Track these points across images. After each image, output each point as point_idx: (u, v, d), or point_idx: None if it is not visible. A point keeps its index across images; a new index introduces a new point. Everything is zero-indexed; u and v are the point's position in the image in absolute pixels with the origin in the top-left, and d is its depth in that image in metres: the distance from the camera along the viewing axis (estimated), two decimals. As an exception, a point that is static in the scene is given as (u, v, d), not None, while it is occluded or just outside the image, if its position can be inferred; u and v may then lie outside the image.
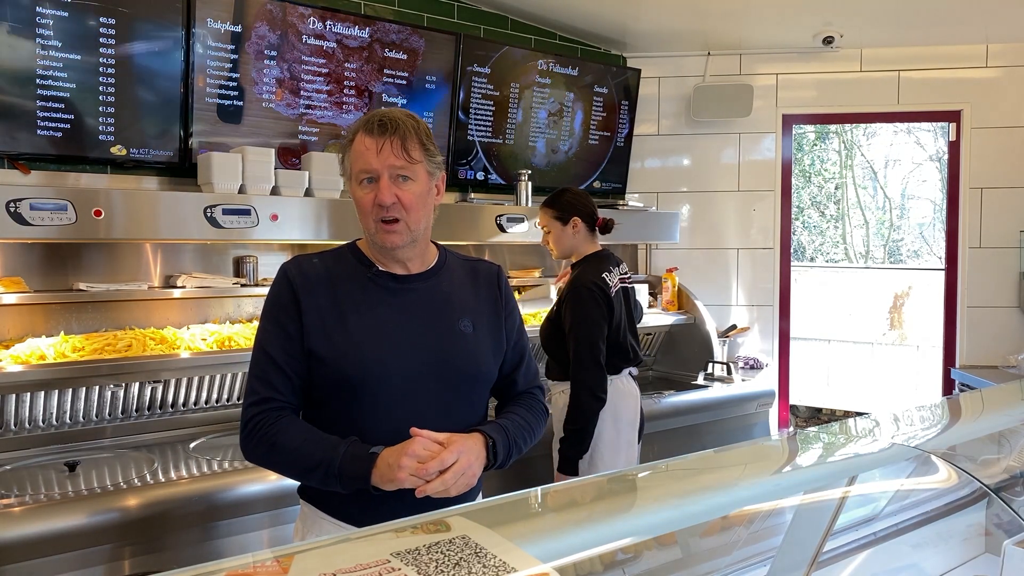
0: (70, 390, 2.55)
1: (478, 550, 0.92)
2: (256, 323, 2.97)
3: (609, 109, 4.34)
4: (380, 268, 1.65)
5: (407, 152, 1.55)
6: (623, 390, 2.85)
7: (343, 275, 1.64)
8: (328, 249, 1.72)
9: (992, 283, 4.35)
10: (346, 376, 1.57)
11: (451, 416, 1.58)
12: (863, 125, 11.11)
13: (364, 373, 1.56)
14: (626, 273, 2.96)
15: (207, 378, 2.79)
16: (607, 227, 2.97)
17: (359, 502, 1.57)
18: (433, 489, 1.44)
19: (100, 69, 2.76)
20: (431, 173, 1.61)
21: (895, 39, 4.34)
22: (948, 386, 4.43)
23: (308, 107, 3.27)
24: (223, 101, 3.04)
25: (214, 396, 2.84)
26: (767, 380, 4.15)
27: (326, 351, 1.58)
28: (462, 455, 1.48)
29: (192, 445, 2.68)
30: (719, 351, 4.09)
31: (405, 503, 1.54)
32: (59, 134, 2.71)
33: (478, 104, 3.83)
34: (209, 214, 2.68)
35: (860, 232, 12.55)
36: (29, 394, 2.48)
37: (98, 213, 2.48)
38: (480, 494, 1.78)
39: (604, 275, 2.80)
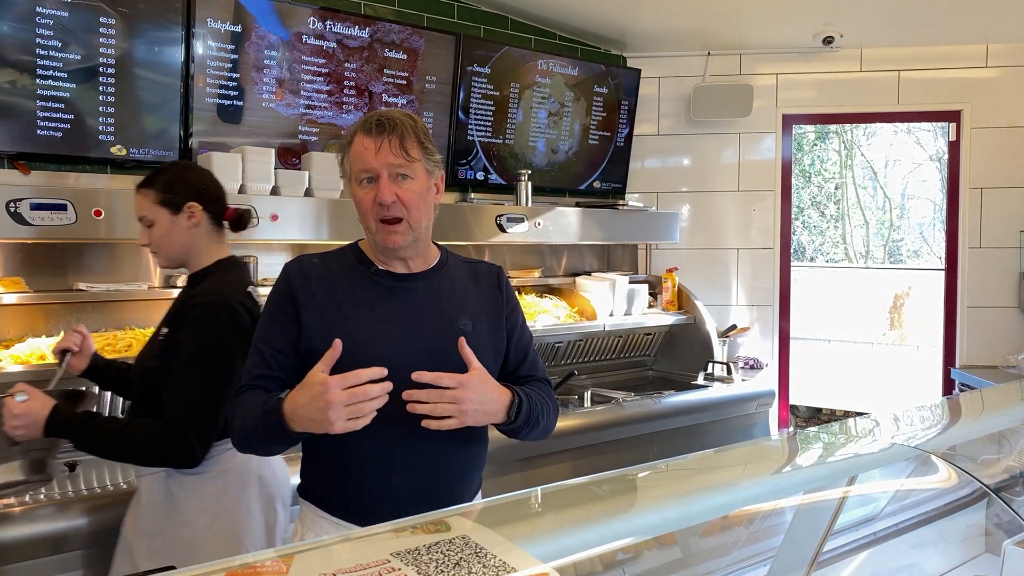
0: (70, 390, 2.55)
1: (478, 550, 0.92)
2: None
3: (609, 109, 4.34)
4: (380, 267, 1.66)
5: (405, 150, 1.57)
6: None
7: (343, 274, 1.66)
8: (326, 251, 1.74)
9: (992, 283, 4.35)
10: (343, 372, 1.57)
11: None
12: (863, 125, 11.11)
13: (361, 369, 1.57)
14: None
15: (207, 378, 2.79)
16: (241, 222, 2.11)
17: (358, 500, 1.58)
18: (416, 397, 1.45)
19: (100, 69, 2.76)
20: (430, 171, 1.63)
21: (895, 39, 4.34)
22: (948, 386, 4.43)
23: (308, 107, 3.27)
24: (223, 101, 3.04)
25: (214, 396, 2.83)
26: (767, 380, 4.15)
27: (324, 348, 1.58)
28: (463, 388, 1.47)
29: (192, 445, 2.68)
30: (719, 351, 4.09)
31: (405, 501, 1.55)
32: (59, 134, 2.71)
33: (478, 104, 3.83)
34: (209, 214, 2.68)
35: (860, 232, 12.54)
36: (29, 394, 2.48)
37: (98, 213, 2.48)
38: (480, 493, 1.78)
39: (250, 292, 2.01)
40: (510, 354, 1.75)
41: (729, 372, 3.94)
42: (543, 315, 3.73)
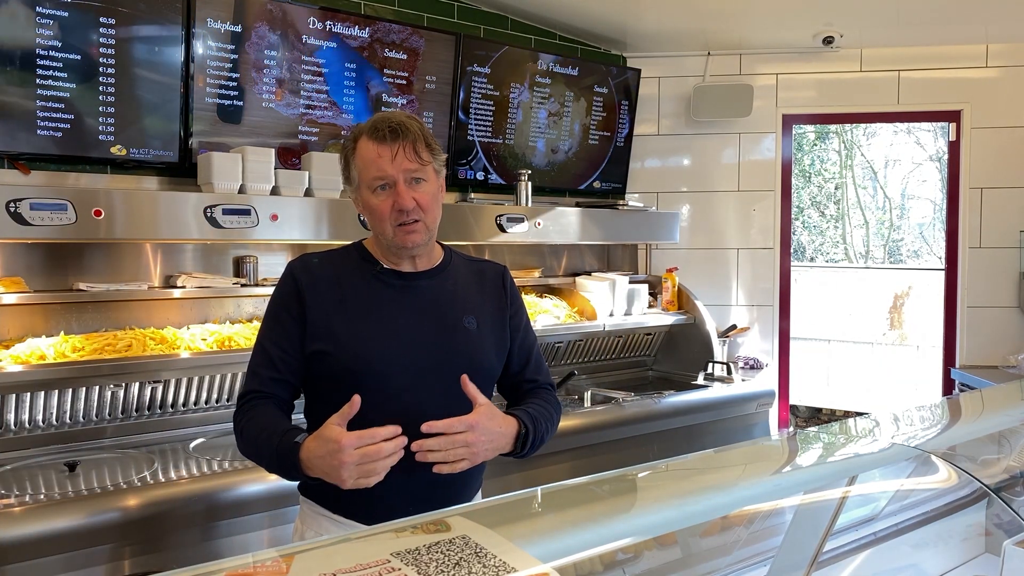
0: (70, 390, 2.55)
1: (478, 550, 0.92)
2: (257, 323, 2.98)
3: (609, 109, 4.34)
4: (386, 266, 1.67)
5: (418, 155, 1.59)
6: None
7: (349, 273, 1.67)
8: (330, 250, 1.75)
9: (992, 283, 4.35)
10: (349, 370, 1.60)
11: (453, 411, 1.58)
12: (863, 125, 11.11)
13: (366, 367, 1.59)
14: None
15: (207, 378, 2.79)
16: None
17: (360, 498, 1.59)
18: (428, 447, 1.46)
19: (100, 69, 2.76)
20: (438, 172, 1.66)
21: (895, 39, 4.34)
22: (948, 386, 4.43)
23: (308, 107, 3.27)
24: (223, 101, 3.04)
25: (214, 396, 2.84)
26: (767, 380, 4.15)
27: (330, 346, 1.60)
28: (474, 431, 1.49)
29: (192, 445, 2.68)
30: (719, 351, 4.09)
31: (407, 499, 1.56)
32: (59, 134, 2.71)
33: (478, 104, 3.82)
34: (209, 214, 2.68)
35: (860, 232, 12.55)
36: (29, 394, 2.48)
37: (98, 213, 2.48)
38: (480, 493, 1.78)
39: None
40: (513, 356, 1.75)
41: (729, 372, 3.93)
42: (543, 315, 3.73)
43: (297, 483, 1.73)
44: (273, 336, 1.64)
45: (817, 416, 6.52)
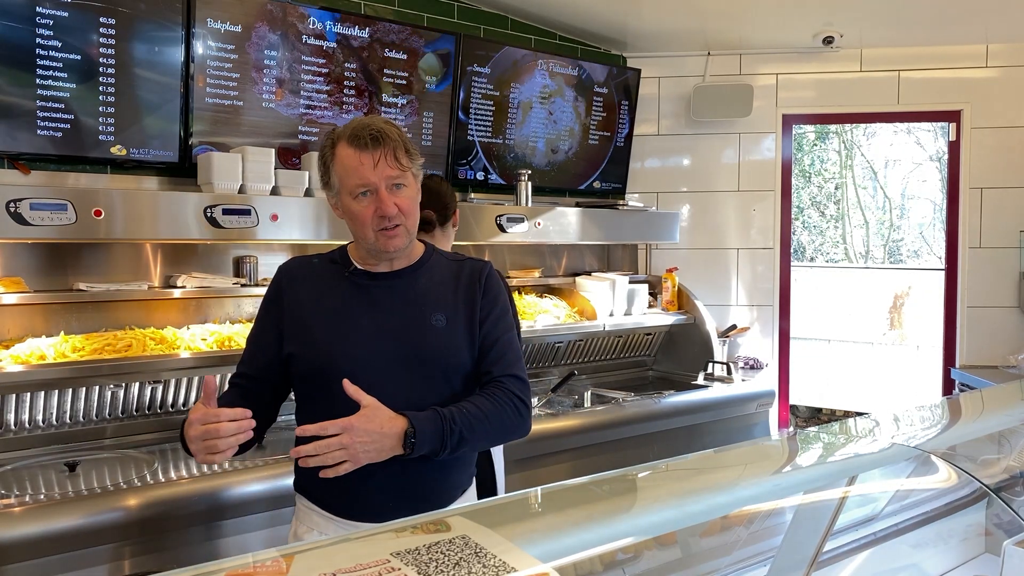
0: (70, 390, 2.55)
1: (478, 550, 0.92)
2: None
3: (609, 109, 4.34)
4: (358, 267, 1.70)
5: (399, 162, 1.61)
6: None
7: (323, 275, 1.72)
8: (318, 253, 1.80)
9: (992, 283, 4.35)
10: (317, 368, 1.64)
11: (421, 406, 1.57)
12: (863, 125, 11.11)
13: (332, 365, 1.61)
14: None
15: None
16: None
17: (343, 495, 1.61)
18: (304, 452, 1.45)
19: (100, 69, 2.76)
20: (416, 176, 1.68)
21: (895, 39, 4.34)
22: (948, 386, 4.43)
23: (308, 107, 3.27)
24: (223, 101, 3.04)
25: (214, 396, 2.83)
26: (767, 380, 4.15)
27: (299, 346, 1.66)
28: (349, 432, 1.45)
29: (192, 445, 2.68)
30: (719, 351, 4.09)
31: (389, 495, 1.57)
32: (59, 134, 2.71)
33: (478, 104, 3.82)
34: (209, 214, 2.68)
35: (860, 232, 12.55)
36: (29, 394, 2.48)
37: (98, 213, 2.48)
38: (472, 490, 1.78)
39: None
40: (479, 348, 1.72)
41: (729, 372, 3.93)
42: (543, 315, 3.73)
43: (293, 481, 1.75)
44: (253, 332, 1.75)
45: (817, 416, 6.53)
